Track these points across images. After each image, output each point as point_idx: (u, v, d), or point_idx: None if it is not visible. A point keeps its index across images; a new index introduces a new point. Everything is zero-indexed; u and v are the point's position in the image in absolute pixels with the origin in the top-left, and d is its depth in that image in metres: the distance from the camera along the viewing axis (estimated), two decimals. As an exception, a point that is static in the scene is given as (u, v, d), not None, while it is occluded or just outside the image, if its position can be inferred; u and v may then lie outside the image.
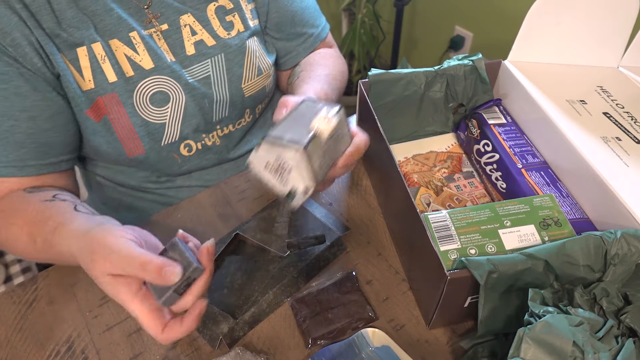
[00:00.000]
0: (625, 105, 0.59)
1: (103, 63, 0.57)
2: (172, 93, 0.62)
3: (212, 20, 0.64)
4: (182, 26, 0.62)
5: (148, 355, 0.50)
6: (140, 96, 0.60)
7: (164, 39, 0.61)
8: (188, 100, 0.63)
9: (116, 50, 0.58)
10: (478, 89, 0.66)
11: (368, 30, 1.75)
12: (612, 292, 0.42)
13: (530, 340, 0.36)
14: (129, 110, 0.60)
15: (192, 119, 0.65)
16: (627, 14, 0.61)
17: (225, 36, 0.65)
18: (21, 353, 0.50)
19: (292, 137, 0.42)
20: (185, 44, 0.63)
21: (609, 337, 0.38)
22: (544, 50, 0.64)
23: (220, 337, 0.49)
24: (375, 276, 0.56)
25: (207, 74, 0.64)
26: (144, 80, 0.60)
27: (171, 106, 0.62)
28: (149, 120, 0.61)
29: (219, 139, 0.71)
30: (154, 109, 0.61)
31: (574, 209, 0.52)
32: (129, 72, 0.59)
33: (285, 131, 0.43)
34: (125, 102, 0.59)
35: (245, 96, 0.69)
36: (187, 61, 0.63)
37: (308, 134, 0.43)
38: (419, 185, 0.62)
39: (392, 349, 0.48)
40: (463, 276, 0.42)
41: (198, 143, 0.69)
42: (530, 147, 0.60)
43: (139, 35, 0.59)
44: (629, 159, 0.51)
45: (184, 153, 0.68)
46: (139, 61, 0.59)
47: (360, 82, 0.63)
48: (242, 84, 0.68)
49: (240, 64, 0.66)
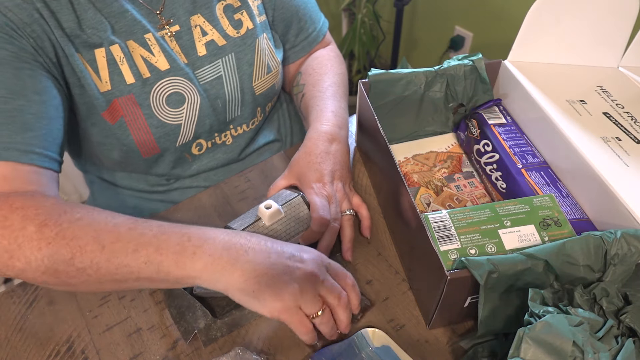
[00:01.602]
0: (625, 105, 0.59)
1: (122, 65, 0.57)
2: (187, 94, 0.62)
3: (221, 20, 0.65)
4: (193, 27, 0.63)
5: (148, 355, 0.50)
6: (157, 97, 0.60)
7: (176, 41, 0.62)
8: (202, 101, 0.64)
9: (133, 51, 0.58)
10: (478, 89, 0.66)
11: (368, 30, 1.75)
12: (612, 292, 0.42)
13: (530, 340, 0.36)
14: (146, 112, 0.60)
15: (206, 119, 0.65)
16: (627, 14, 0.61)
17: (234, 35, 0.66)
18: (21, 353, 0.50)
19: (235, 226, 0.53)
20: (197, 45, 0.63)
21: (609, 337, 0.38)
22: (544, 50, 0.64)
23: (195, 331, 0.50)
24: (375, 276, 0.56)
25: (219, 74, 0.65)
26: (161, 81, 0.60)
27: (187, 107, 0.63)
28: (165, 122, 0.61)
29: (231, 138, 0.71)
30: (170, 110, 0.61)
31: (574, 209, 0.52)
32: (146, 74, 0.59)
33: (238, 220, 0.54)
34: (142, 103, 0.59)
35: (256, 94, 0.69)
36: (199, 62, 0.63)
37: (248, 222, 0.53)
38: (419, 185, 0.62)
39: (392, 349, 0.48)
40: (463, 276, 0.42)
41: (209, 142, 0.69)
42: (530, 147, 0.60)
43: (153, 37, 0.59)
44: (629, 159, 0.51)
45: (195, 152, 0.69)
46: (154, 62, 0.60)
47: (360, 82, 0.63)
48: (253, 82, 0.68)
49: (250, 62, 0.67)
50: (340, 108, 0.67)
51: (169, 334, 0.52)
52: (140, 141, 0.61)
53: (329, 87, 0.71)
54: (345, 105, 0.70)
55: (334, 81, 0.72)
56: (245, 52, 0.66)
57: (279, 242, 0.47)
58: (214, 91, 0.65)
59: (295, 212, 0.55)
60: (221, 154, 0.72)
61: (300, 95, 0.74)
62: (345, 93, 0.74)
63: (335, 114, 0.65)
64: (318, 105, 0.67)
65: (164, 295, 0.54)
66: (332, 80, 0.72)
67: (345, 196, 0.59)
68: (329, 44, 0.82)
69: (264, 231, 0.53)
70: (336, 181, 0.59)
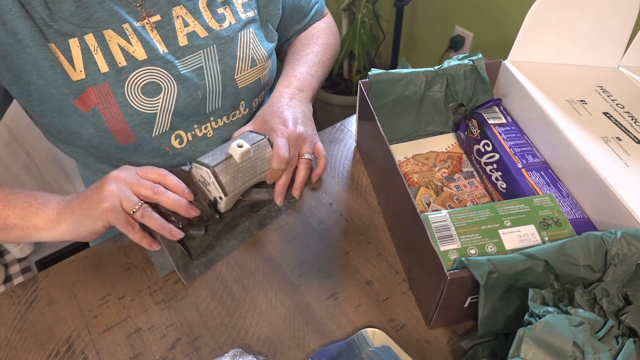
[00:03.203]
0: (625, 105, 0.59)
1: (96, 54, 0.58)
2: (164, 84, 0.62)
3: (204, 12, 0.65)
4: (175, 17, 0.63)
5: (148, 355, 0.50)
6: (132, 86, 0.60)
7: (157, 30, 0.62)
8: (180, 90, 0.64)
9: (110, 40, 0.58)
10: (478, 89, 0.66)
11: (368, 30, 1.75)
12: (613, 292, 0.42)
13: (530, 340, 0.36)
14: (120, 100, 0.60)
15: (183, 110, 0.65)
16: (627, 14, 0.61)
17: (217, 28, 0.66)
18: (21, 353, 0.50)
19: (207, 161, 0.58)
20: (178, 35, 0.63)
21: (609, 337, 0.38)
22: (544, 50, 0.64)
23: (173, 268, 0.56)
24: (375, 276, 0.56)
25: (200, 65, 0.65)
26: (137, 70, 0.60)
27: (163, 97, 0.63)
28: (139, 110, 0.61)
29: (212, 131, 0.71)
30: (146, 99, 0.61)
31: (574, 209, 0.52)
32: (122, 62, 0.59)
33: (208, 156, 0.59)
34: (116, 92, 0.59)
35: (238, 87, 0.69)
36: (180, 52, 0.63)
37: (220, 158, 0.58)
38: (419, 185, 0.62)
39: (392, 349, 0.48)
40: (463, 276, 0.42)
41: (189, 134, 0.69)
42: (531, 147, 0.60)
43: (131, 27, 0.59)
44: (629, 159, 0.51)
45: (176, 145, 0.68)
46: (132, 52, 0.60)
47: (360, 82, 0.63)
48: (235, 75, 0.68)
49: (232, 54, 0.67)
50: (306, 73, 0.75)
51: (169, 334, 0.52)
52: (115, 129, 0.61)
53: (305, 55, 0.78)
54: (316, 70, 0.76)
55: (313, 50, 0.79)
56: (228, 45, 0.66)
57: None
58: (194, 81, 0.65)
59: (262, 153, 0.61)
60: (203, 147, 0.72)
61: (286, 57, 0.80)
62: (324, 60, 0.80)
63: (298, 78, 0.73)
64: (286, 70, 0.76)
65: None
66: (312, 49, 0.79)
67: (306, 141, 0.65)
68: (324, 16, 0.87)
69: (234, 167, 0.59)
70: (298, 126, 0.65)
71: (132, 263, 0.59)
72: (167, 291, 0.56)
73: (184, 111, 0.65)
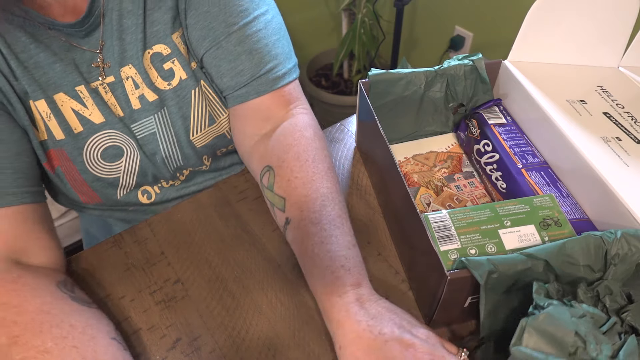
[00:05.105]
0: (625, 105, 0.59)
1: (49, 121, 0.54)
2: (125, 148, 0.58)
3: (149, 72, 0.58)
4: (124, 79, 0.57)
5: (148, 355, 0.50)
6: (90, 152, 0.56)
7: (112, 92, 0.57)
8: (141, 155, 0.60)
9: (62, 105, 0.54)
10: (478, 89, 0.66)
11: (368, 30, 1.75)
12: (616, 291, 0.42)
13: (532, 329, 0.36)
14: (79, 168, 0.57)
15: (147, 171, 0.62)
16: (627, 14, 0.61)
17: (165, 87, 0.59)
18: (21, 353, 0.50)
19: None
20: (131, 98, 0.58)
21: (612, 333, 0.38)
22: (544, 50, 0.64)
23: None
24: (375, 276, 0.56)
25: (153, 131, 0.60)
26: (95, 135, 0.56)
27: (125, 160, 0.59)
28: (100, 176, 0.59)
29: (179, 181, 0.69)
30: (106, 164, 0.58)
31: (574, 209, 0.52)
32: (78, 128, 0.55)
33: None
34: (74, 159, 0.56)
35: (197, 147, 0.64)
36: (136, 115, 0.58)
37: None
38: (419, 185, 0.62)
39: (392, 349, 0.48)
40: (463, 276, 0.42)
41: (155, 187, 0.66)
42: (530, 147, 0.60)
43: (86, 89, 0.55)
44: (629, 159, 0.51)
45: (144, 201, 0.66)
46: (88, 115, 0.55)
47: (360, 82, 0.63)
48: (191, 136, 0.62)
49: (185, 116, 0.60)
50: (347, 242, 0.50)
51: (169, 334, 0.52)
52: (79, 190, 0.59)
53: (321, 218, 0.50)
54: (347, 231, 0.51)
55: (325, 193, 0.53)
56: (180, 106, 0.60)
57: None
58: (151, 147, 0.60)
59: None
60: (174, 193, 0.68)
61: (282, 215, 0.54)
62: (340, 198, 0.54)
63: (344, 264, 0.48)
64: (320, 257, 0.48)
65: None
66: (323, 192, 0.53)
67: (437, 337, 0.45)
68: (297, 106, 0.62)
69: None
70: (414, 329, 0.44)
71: (132, 263, 0.59)
72: (167, 291, 0.56)
73: (147, 172, 0.63)
